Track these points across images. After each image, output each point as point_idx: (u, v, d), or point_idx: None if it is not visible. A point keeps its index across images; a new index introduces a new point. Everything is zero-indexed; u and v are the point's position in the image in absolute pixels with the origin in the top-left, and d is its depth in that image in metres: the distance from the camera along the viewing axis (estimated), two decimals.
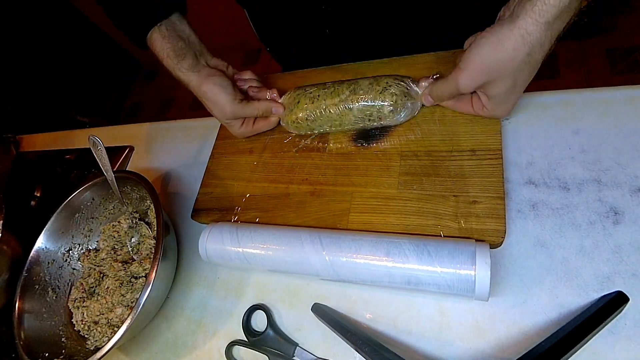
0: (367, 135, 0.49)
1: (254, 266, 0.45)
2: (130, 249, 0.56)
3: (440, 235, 0.40)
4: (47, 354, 0.47)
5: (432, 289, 0.37)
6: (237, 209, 0.51)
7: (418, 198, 0.43)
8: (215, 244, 0.46)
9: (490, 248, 0.36)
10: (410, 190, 0.43)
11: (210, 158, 0.58)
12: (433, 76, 0.45)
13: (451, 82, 0.40)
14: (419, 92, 0.46)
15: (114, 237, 0.57)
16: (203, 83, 0.50)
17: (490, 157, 0.42)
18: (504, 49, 0.34)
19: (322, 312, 0.42)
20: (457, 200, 0.41)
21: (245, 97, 0.53)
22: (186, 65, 0.50)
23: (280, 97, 0.53)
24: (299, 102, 0.50)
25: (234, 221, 0.51)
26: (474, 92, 0.41)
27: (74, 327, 0.52)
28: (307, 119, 0.50)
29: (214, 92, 0.50)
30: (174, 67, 0.50)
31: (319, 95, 0.49)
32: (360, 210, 0.45)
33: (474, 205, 0.40)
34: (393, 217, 0.43)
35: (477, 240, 0.38)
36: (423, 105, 0.47)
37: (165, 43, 0.49)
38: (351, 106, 0.47)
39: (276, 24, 0.65)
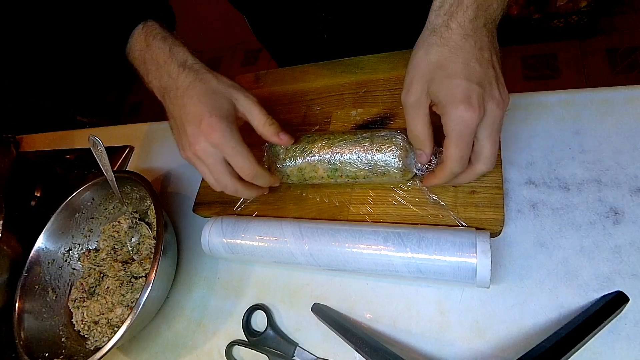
0: (366, 127, 0.49)
1: (256, 258, 0.46)
2: (130, 249, 0.56)
3: (440, 225, 0.40)
4: (47, 354, 0.47)
5: (434, 276, 0.37)
6: (238, 202, 0.52)
7: (418, 189, 0.43)
8: (217, 236, 0.46)
9: (490, 237, 0.37)
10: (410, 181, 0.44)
11: None
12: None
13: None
14: None
15: (114, 237, 0.58)
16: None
17: None
18: (418, 46, 0.35)
19: (322, 312, 0.42)
20: (456, 190, 0.41)
21: None
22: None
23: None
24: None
25: (235, 213, 0.51)
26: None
27: (74, 327, 0.52)
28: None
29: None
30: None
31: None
32: (361, 201, 0.45)
33: (473, 195, 0.40)
34: (393, 208, 0.43)
35: (476, 228, 0.38)
36: None
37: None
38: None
39: (274, 28, 0.66)
